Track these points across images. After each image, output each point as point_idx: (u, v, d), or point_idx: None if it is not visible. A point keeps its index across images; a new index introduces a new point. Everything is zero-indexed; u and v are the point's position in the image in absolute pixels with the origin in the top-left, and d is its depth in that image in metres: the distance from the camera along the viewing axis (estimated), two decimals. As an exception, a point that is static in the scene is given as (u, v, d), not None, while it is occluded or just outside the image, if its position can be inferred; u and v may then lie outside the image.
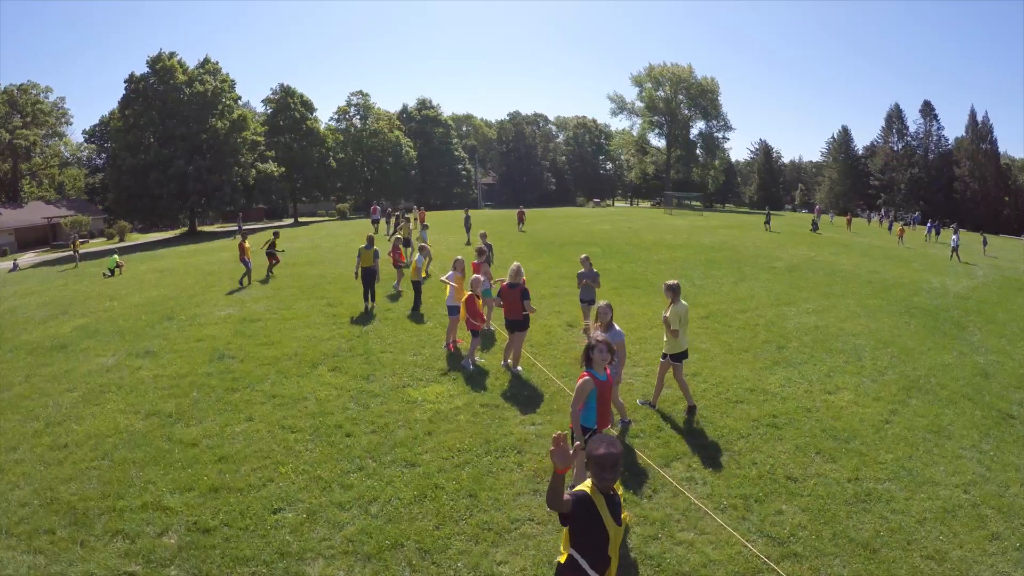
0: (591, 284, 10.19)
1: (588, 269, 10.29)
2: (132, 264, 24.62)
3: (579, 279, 10.36)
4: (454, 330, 9.67)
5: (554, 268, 17.70)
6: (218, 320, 11.78)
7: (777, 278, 18.06)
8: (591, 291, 10.27)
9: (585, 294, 10.31)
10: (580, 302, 10.53)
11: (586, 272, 10.26)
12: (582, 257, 10.60)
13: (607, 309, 6.60)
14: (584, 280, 10.22)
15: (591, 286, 10.22)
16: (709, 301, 14.38)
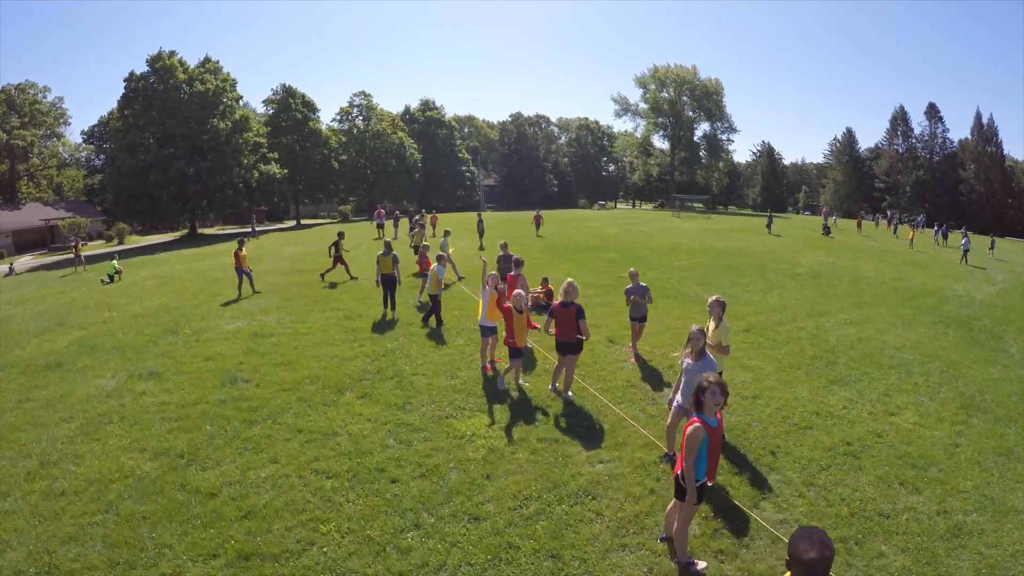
0: (641, 301, 9.31)
1: (636, 284, 9.43)
2: (132, 269, 23.67)
3: (627, 295, 9.50)
4: (490, 351, 8.81)
5: (578, 277, 16.78)
6: (227, 335, 10.87)
7: (804, 286, 17.72)
8: (642, 308, 9.40)
9: (635, 311, 9.44)
10: (631, 320, 9.61)
11: (634, 287, 9.40)
12: (630, 271, 9.74)
13: (699, 335, 5.98)
14: (632, 296, 9.35)
15: (641, 303, 9.34)
16: (745, 312, 13.80)
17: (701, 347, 5.97)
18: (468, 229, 30.20)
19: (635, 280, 9.48)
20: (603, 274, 17.42)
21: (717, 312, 6.91)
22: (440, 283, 10.82)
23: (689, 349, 5.99)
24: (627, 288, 9.57)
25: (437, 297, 10.92)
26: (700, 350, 5.97)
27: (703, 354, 5.98)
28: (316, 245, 26.44)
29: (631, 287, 9.47)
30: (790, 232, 37.60)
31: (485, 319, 8.48)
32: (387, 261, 11.85)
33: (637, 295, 9.32)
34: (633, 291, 9.39)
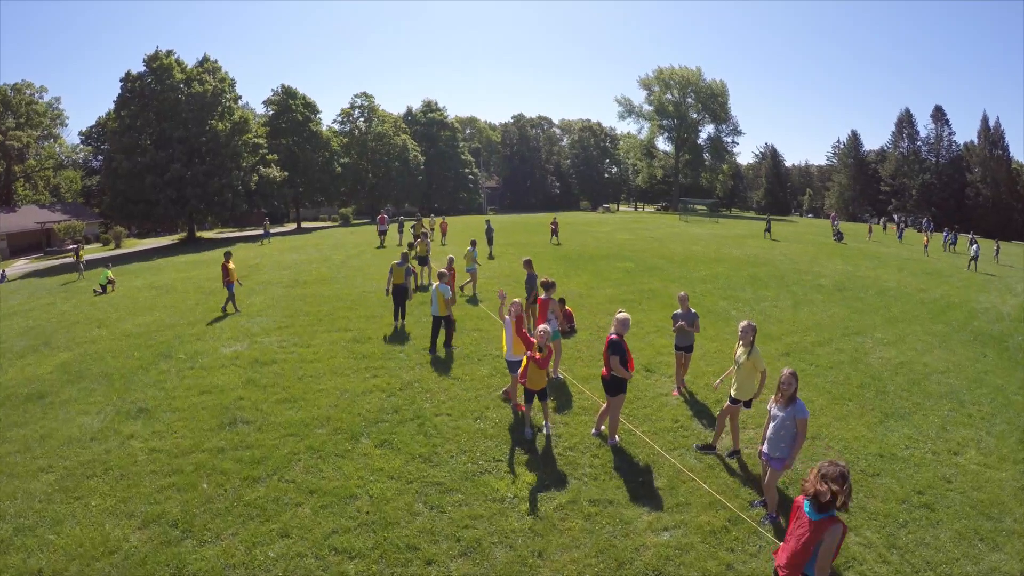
0: (689, 329, 8.40)
1: (686, 310, 8.52)
2: (126, 278, 22.72)
3: (674, 320, 8.58)
4: (514, 386, 7.89)
5: (597, 289, 15.94)
6: (224, 361, 9.94)
7: (831, 300, 17.03)
8: (689, 337, 8.49)
9: (682, 340, 8.52)
10: (676, 349, 8.70)
11: (683, 313, 8.49)
12: (680, 295, 8.78)
13: (791, 379, 5.43)
14: (680, 322, 8.43)
15: (689, 331, 8.42)
16: (780, 332, 13.08)
17: (792, 392, 5.46)
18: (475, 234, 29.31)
19: (685, 305, 8.57)
20: (623, 286, 16.52)
21: (749, 338, 6.63)
22: (448, 303, 9.87)
23: (780, 395, 5.53)
24: (675, 313, 8.66)
25: (449, 318, 10.04)
26: (791, 396, 5.46)
27: (793, 399, 5.46)
28: (319, 252, 25.51)
29: (680, 312, 8.56)
30: (802, 238, 36.79)
31: (512, 354, 7.56)
32: (400, 271, 11.56)
33: (686, 322, 8.40)
34: (682, 317, 8.49)
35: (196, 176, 38.78)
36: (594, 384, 8.63)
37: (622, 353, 6.58)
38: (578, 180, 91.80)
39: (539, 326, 6.88)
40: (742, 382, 6.70)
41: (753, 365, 6.63)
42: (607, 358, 6.66)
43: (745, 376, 6.67)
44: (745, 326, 6.74)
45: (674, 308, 14.33)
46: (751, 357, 6.62)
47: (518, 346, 7.45)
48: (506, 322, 7.55)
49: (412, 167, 61.89)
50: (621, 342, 6.61)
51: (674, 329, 8.54)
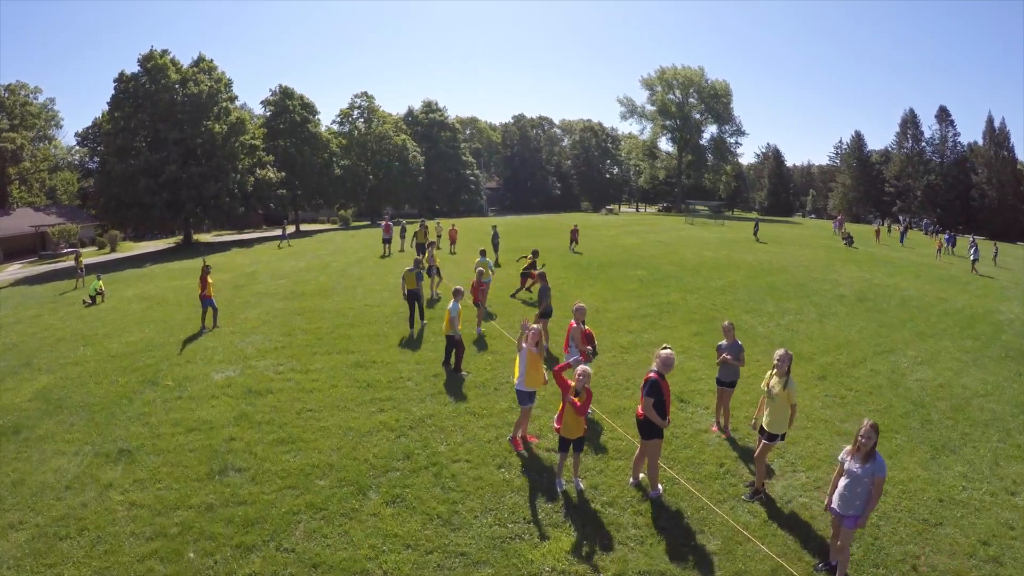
0: (734, 363, 7.55)
1: (731, 340, 7.67)
2: (117, 287, 21.85)
3: (718, 352, 7.74)
4: (524, 422, 7.08)
5: (613, 301, 15.11)
6: (215, 389, 9.12)
7: (854, 311, 16.37)
8: (734, 371, 7.64)
9: (726, 374, 7.67)
10: (718, 384, 7.87)
11: (728, 345, 7.65)
12: (725, 325, 7.89)
13: (871, 433, 4.88)
14: (724, 354, 7.59)
15: (734, 365, 7.58)
16: (811, 351, 12.44)
17: (872, 447, 4.89)
18: (478, 239, 28.45)
19: (730, 335, 7.72)
20: (639, 298, 15.70)
21: (785, 368, 6.13)
22: (455, 323, 9.09)
23: (856, 448, 4.98)
24: (720, 344, 7.80)
25: (453, 338, 9.29)
26: (870, 451, 4.90)
27: (872, 454, 4.90)
28: (317, 259, 24.65)
29: (725, 344, 7.70)
30: (812, 242, 36.05)
31: (524, 383, 6.75)
32: (412, 276, 11.77)
33: (731, 354, 7.57)
34: (727, 349, 7.64)
35: (192, 178, 37.87)
36: (626, 419, 7.83)
37: (659, 396, 5.77)
38: (579, 181, 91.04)
39: (580, 366, 6.05)
40: (775, 415, 6.16)
41: (788, 397, 6.10)
42: (643, 397, 5.86)
43: (779, 409, 6.13)
44: (782, 355, 6.18)
45: (704, 324, 13.84)
46: (787, 389, 6.07)
47: (533, 376, 6.65)
48: (522, 349, 6.72)
49: (412, 168, 61.00)
50: (660, 383, 5.80)
51: (718, 362, 7.71)
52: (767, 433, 6.27)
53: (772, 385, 6.20)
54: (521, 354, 6.73)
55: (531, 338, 6.69)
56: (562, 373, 6.04)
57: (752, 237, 34.12)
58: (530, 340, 6.67)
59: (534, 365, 6.64)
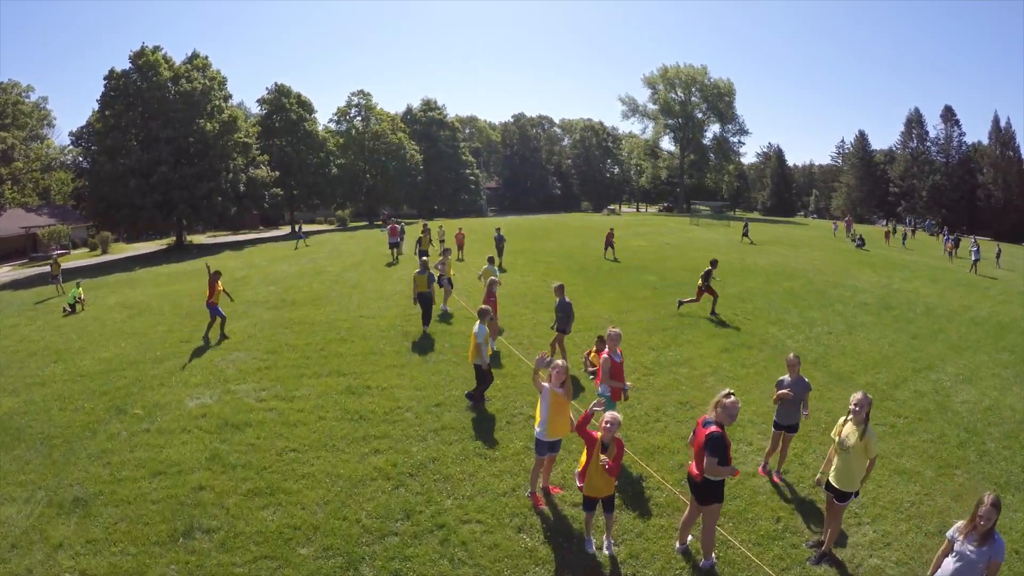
0: (794, 405, 6.41)
1: (796, 376, 6.48)
2: (101, 293, 20.74)
3: (777, 388, 6.59)
4: (544, 474, 6.00)
5: (628, 312, 14.01)
6: (187, 420, 8.03)
7: (881, 321, 15.46)
8: (794, 414, 6.49)
9: (786, 417, 6.50)
10: (775, 427, 6.71)
11: (793, 382, 6.48)
12: (789, 358, 6.62)
13: (993, 512, 3.97)
14: (786, 389, 6.46)
15: (794, 409, 6.44)
16: (848, 369, 11.54)
17: (992, 526, 4.01)
18: (479, 241, 27.38)
19: (795, 370, 6.49)
20: (655, 308, 14.59)
21: (863, 414, 5.06)
22: (483, 350, 7.75)
23: (971, 525, 4.07)
24: (781, 380, 6.59)
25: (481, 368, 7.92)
26: (990, 531, 4.00)
27: (991, 535, 4.00)
28: (312, 263, 23.54)
29: (788, 380, 6.50)
30: (822, 244, 35.08)
31: (546, 432, 5.59)
32: (423, 279, 11.67)
33: (798, 391, 6.42)
34: (791, 386, 6.46)
35: (183, 178, 36.70)
36: (660, 461, 6.74)
37: (724, 453, 4.68)
38: (579, 181, 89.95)
39: (606, 413, 4.95)
40: (849, 471, 5.14)
41: (866, 450, 5.10)
42: (700, 455, 4.78)
43: (853, 463, 5.12)
44: (860, 400, 5.11)
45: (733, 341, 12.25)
46: (865, 438, 5.04)
47: (558, 423, 5.56)
48: (544, 390, 5.58)
49: (411, 168, 59.83)
50: (725, 438, 4.70)
51: (774, 400, 6.55)
52: (837, 491, 5.23)
53: (846, 435, 5.14)
54: (543, 395, 5.57)
55: (555, 377, 5.52)
56: (587, 424, 4.97)
57: (743, 239, 33.00)
58: (554, 380, 5.52)
59: (559, 410, 5.51)
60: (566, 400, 5.52)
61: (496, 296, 10.50)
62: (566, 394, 5.51)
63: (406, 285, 16.87)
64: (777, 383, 6.76)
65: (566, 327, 9.46)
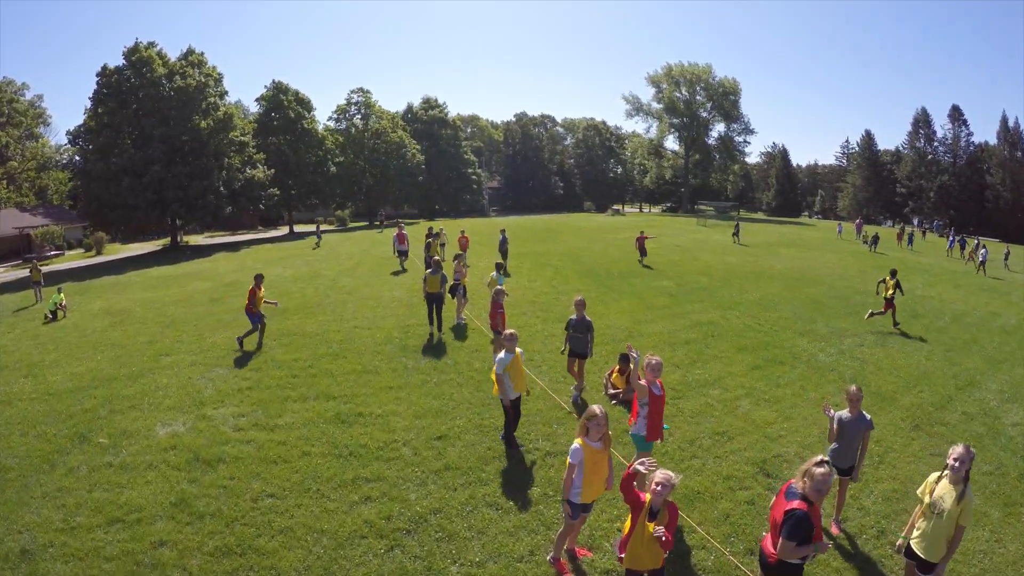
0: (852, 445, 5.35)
1: (856, 413, 5.43)
2: (86, 298, 19.75)
3: (835, 427, 5.47)
4: (573, 536, 4.96)
5: (645, 323, 12.95)
6: (155, 453, 7.04)
7: (912, 330, 14.54)
8: (852, 454, 5.42)
9: (842, 457, 5.42)
10: (838, 472, 5.54)
11: (855, 419, 5.42)
12: (851, 390, 5.53)
13: None
14: (836, 426, 5.39)
15: (851, 450, 5.40)
16: (888, 387, 10.47)
17: None
18: (483, 242, 26.39)
19: (856, 405, 5.47)
20: (674, 317, 13.55)
21: (963, 472, 4.18)
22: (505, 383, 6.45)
23: None
24: (840, 416, 5.52)
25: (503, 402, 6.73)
26: None
27: None
28: (307, 265, 22.56)
29: (847, 417, 5.48)
30: (834, 246, 34.11)
31: (580, 495, 4.50)
32: (435, 279, 11.34)
33: (857, 430, 5.43)
34: (850, 425, 5.48)
35: (177, 178, 35.69)
36: (702, 511, 5.72)
37: (806, 535, 3.63)
38: (582, 180, 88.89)
39: (657, 473, 3.91)
40: (937, 537, 4.25)
41: (961, 515, 4.19)
42: (776, 530, 3.76)
43: (944, 529, 4.23)
44: (962, 454, 4.19)
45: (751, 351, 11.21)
46: (963, 501, 4.17)
47: (596, 485, 4.51)
48: (576, 451, 4.43)
49: (412, 167, 58.78)
50: (810, 518, 3.65)
51: (830, 439, 5.52)
52: (922, 561, 4.30)
53: (940, 496, 4.20)
54: (574, 454, 4.42)
55: (594, 430, 4.41)
56: (632, 482, 3.95)
57: (733, 239, 31.96)
58: (593, 433, 4.43)
59: (598, 470, 4.44)
60: (605, 456, 4.48)
61: (503, 307, 9.48)
62: (604, 449, 4.47)
63: (405, 292, 15.89)
64: (835, 418, 5.75)
65: (586, 350, 8.32)
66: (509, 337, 6.52)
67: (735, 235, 32.57)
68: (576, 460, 4.38)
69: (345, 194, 56.73)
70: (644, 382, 5.38)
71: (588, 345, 8.27)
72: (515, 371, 6.51)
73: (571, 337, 8.29)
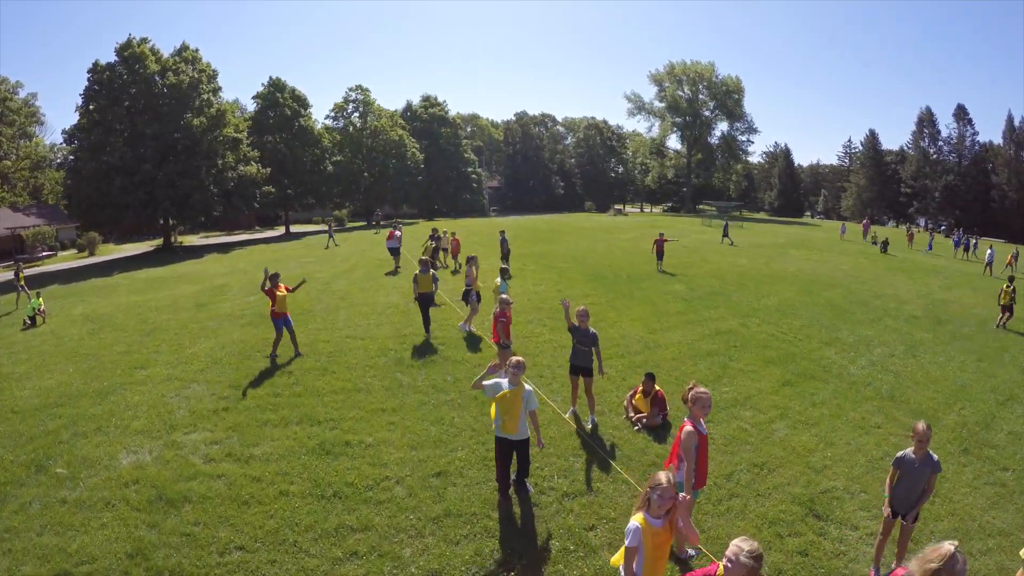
0: (917, 486, 4.56)
1: (922, 454, 4.63)
2: (70, 302, 18.88)
3: (896, 465, 4.69)
4: None
5: (661, 332, 12.01)
6: (115, 489, 6.16)
7: (940, 339, 13.63)
8: (915, 496, 4.60)
9: (905, 499, 4.63)
10: (899, 518, 4.75)
11: (922, 460, 4.64)
12: (919, 427, 4.70)
13: None
14: (901, 471, 4.57)
15: (916, 491, 4.59)
16: (929, 404, 9.56)
17: None
18: (483, 243, 25.48)
19: (924, 445, 4.64)
20: (692, 325, 12.63)
21: None
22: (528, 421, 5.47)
23: None
24: (901, 456, 4.73)
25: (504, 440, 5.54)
26: None
27: None
28: (301, 267, 21.65)
29: (911, 456, 4.69)
30: (844, 248, 33.23)
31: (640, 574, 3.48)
32: (426, 279, 10.98)
33: (923, 472, 4.58)
34: (914, 468, 4.67)
35: (168, 176, 34.77)
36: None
37: None
38: (583, 180, 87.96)
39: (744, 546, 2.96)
40: None
41: None
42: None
43: None
44: None
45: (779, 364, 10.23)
46: None
47: (658, 571, 3.55)
48: (634, 533, 3.41)
49: (411, 166, 57.82)
50: None
51: (889, 487, 4.68)
52: None
53: None
54: (633, 536, 3.42)
55: (658, 503, 3.39)
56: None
57: (723, 240, 30.90)
58: (656, 507, 3.40)
59: (661, 553, 3.46)
60: (670, 536, 3.53)
61: (510, 317, 8.58)
62: (670, 529, 3.51)
63: (401, 297, 15.00)
64: (895, 461, 4.90)
65: (590, 365, 7.16)
66: (516, 365, 5.37)
67: (725, 235, 31.55)
68: (635, 543, 3.44)
69: (343, 193, 55.78)
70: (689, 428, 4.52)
71: (593, 361, 7.19)
72: (508, 407, 5.31)
73: (574, 348, 7.20)
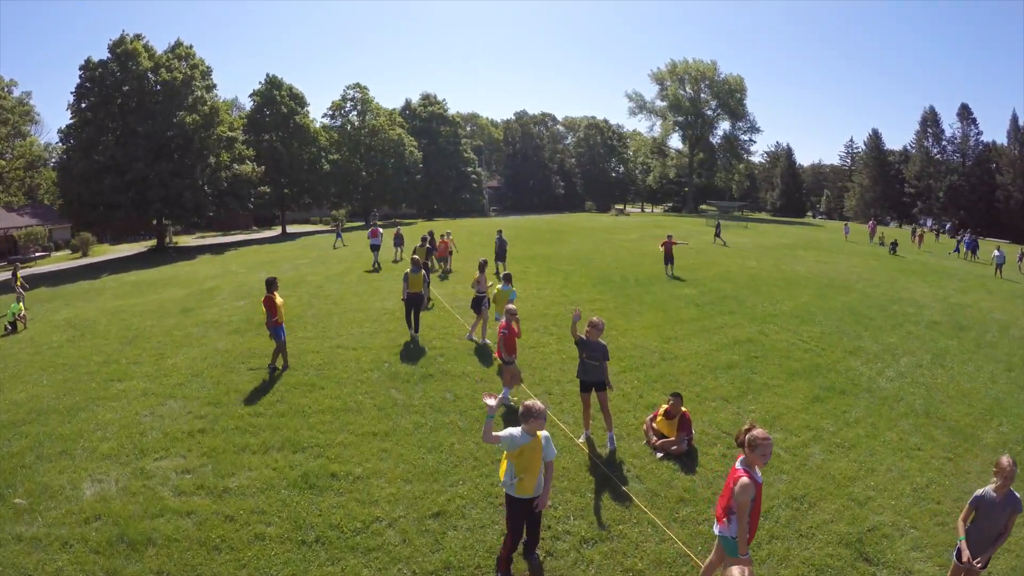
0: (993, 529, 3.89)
1: (1004, 492, 3.97)
2: (53, 307, 18.13)
3: (974, 505, 3.98)
4: None
5: (676, 340, 11.24)
6: (73, 527, 5.42)
7: (965, 347, 12.92)
8: (989, 539, 3.92)
9: (980, 544, 3.98)
10: (957, 558, 4.07)
11: (1004, 499, 3.97)
12: (1004, 465, 4.09)
13: None
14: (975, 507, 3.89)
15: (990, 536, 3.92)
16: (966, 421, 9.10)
17: None
18: (480, 244, 24.74)
19: (1009, 480, 4.05)
20: (707, 333, 11.85)
21: None
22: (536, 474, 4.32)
23: None
24: (980, 495, 4.13)
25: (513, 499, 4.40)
26: None
27: None
28: (294, 269, 20.90)
29: (993, 495, 4.09)
30: (853, 249, 32.49)
31: None
32: (416, 279, 10.72)
33: (1007, 512, 3.91)
34: (1001, 505, 4.01)
35: (160, 176, 33.99)
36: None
37: None
38: (583, 180, 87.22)
39: None
40: None
41: None
42: None
43: None
44: None
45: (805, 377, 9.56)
46: None
47: None
48: None
49: (410, 165, 57.03)
50: None
51: (962, 528, 3.98)
52: None
53: None
54: None
55: None
56: None
57: (715, 241, 30.11)
58: None
59: None
60: None
61: (514, 331, 7.83)
62: None
63: (397, 303, 14.25)
64: (973, 500, 4.17)
65: (604, 378, 6.57)
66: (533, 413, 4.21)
67: (717, 236, 30.73)
68: None
69: (340, 193, 54.98)
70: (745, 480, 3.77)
71: (606, 374, 6.59)
72: (527, 464, 4.24)
73: (583, 363, 6.58)
